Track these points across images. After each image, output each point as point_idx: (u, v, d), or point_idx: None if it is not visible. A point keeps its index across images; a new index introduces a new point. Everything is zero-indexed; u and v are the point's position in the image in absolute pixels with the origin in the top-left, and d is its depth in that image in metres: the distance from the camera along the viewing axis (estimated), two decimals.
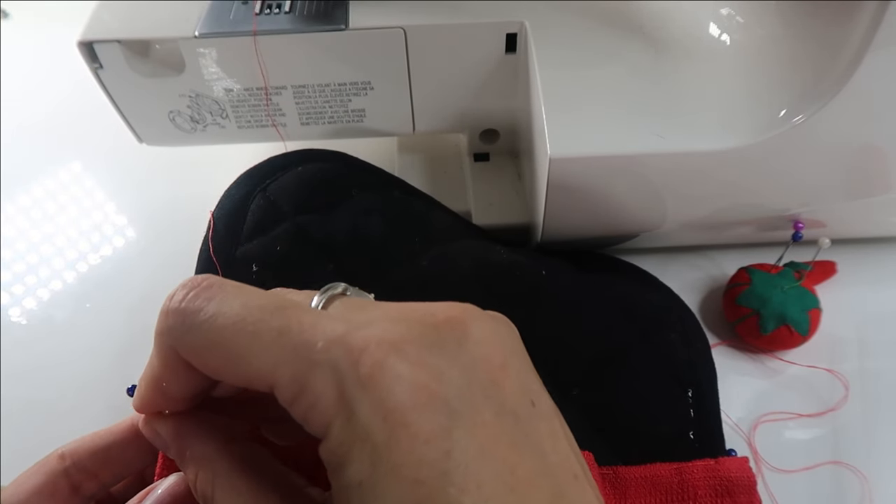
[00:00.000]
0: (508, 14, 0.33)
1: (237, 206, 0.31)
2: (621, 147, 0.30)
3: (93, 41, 0.32)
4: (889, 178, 0.33)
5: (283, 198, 0.31)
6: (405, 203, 0.34)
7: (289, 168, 0.33)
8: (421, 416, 0.15)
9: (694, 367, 0.32)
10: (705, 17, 0.32)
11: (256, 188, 0.32)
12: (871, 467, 0.31)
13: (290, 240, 0.30)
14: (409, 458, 0.15)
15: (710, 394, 0.31)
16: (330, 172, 0.33)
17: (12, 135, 0.49)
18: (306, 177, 0.32)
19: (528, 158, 0.36)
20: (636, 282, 0.36)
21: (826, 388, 0.33)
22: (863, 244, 0.39)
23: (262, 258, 0.29)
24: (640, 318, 0.33)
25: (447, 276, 0.31)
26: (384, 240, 0.31)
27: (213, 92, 0.35)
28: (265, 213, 0.30)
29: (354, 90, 0.35)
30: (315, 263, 0.30)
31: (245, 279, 0.27)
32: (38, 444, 0.33)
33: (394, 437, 0.15)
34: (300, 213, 0.31)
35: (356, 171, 0.34)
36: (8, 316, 0.39)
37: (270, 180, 0.32)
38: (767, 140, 0.30)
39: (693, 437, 0.29)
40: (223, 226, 0.30)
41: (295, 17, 0.33)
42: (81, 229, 0.43)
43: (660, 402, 0.30)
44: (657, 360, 0.31)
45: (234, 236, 0.30)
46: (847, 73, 0.28)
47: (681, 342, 0.32)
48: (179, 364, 0.19)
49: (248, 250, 0.29)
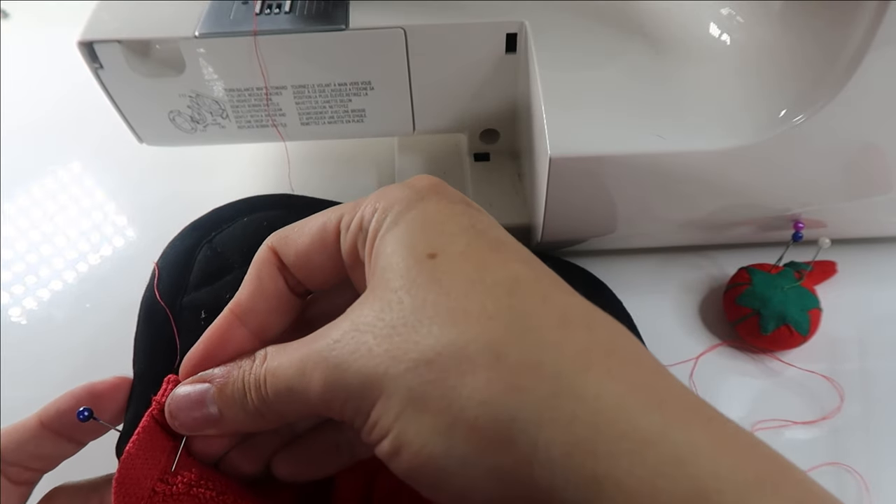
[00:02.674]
0: (508, 14, 0.33)
1: (183, 257, 0.31)
2: (621, 147, 0.30)
3: (93, 41, 0.32)
4: (889, 178, 0.33)
5: (229, 249, 0.31)
6: None
7: (235, 219, 0.33)
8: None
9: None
10: (705, 17, 0.32)
11: (202, 240, 0.32)
12: (871, 469, 0.31)
13: (236, 289, 0.30)
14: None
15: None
16: (275, 220, 0.33)
17: (12, 135, 0.49)
18: (252, 227, 0.32)
19: (528, 158, 0.36)
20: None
21: (826, 389, 0.33)
22: (863, 244, 0.39)
23: (210, 305, 0.29)
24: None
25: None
26: None
27: (213, 92, 0.35)
28: (211, 263, 0.30)
29: (354, 90, 0.35)
30: None
31: (194, 325, 0.28)
32: None
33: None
34: (248, 263, 0.31)
35: (301, 215, 0.34)
36: (8, 316, 0.39)
37: (216, 232, 0.32)
38: (767, 140, 0.30)
39: None
40: (168, 275, 0.30)
41: (295, 17, 0.33)
42: (81, 229, 0.43)
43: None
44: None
45: (180, 286, 0.30)
46: (847, 73, 0.28)
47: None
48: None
49: (195, 298, 0.29)
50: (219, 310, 0.27)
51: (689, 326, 0.36)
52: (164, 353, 0.28)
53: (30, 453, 0.24)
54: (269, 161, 0.46)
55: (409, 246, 0.19)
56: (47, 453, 0.24)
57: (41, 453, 0.24)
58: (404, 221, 0.19)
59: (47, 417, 0.24)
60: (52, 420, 0.24)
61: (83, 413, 0.23)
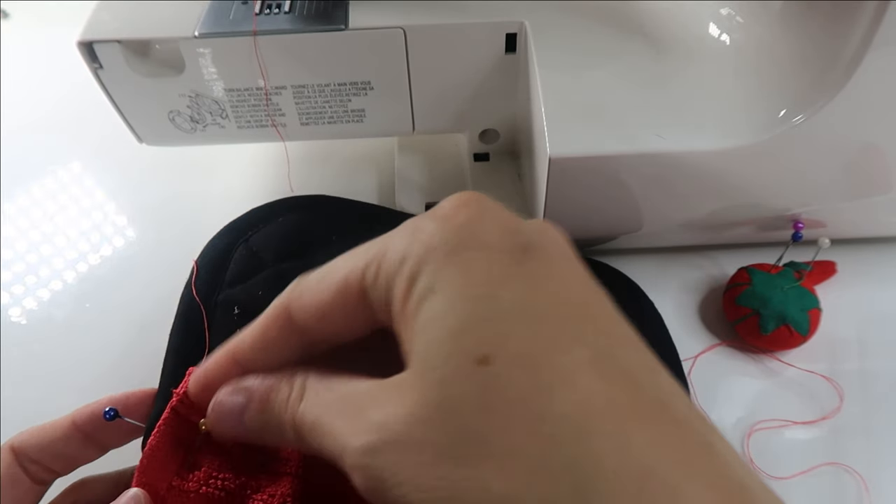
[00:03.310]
0: (508, 14, 0.33)
1: (220, 255, 0.32)
2: (621, 147, 0.30)
3: (93, 41, 0.32)
4: (889, 178, 0.33)
5: (264, 248, 0.32)
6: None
7: (270, 219, 0.34)
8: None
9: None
10: (705, 17, 0.32)
11: (239, 239, 0.33)
12: (871, 469, 0.31)
13: (272, 285, 0.30)
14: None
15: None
16: (310, 222, 0.34)
17: (12, 135, 0.49)
18: (287, 227, 0.33)
19: (528, 158, 0.36)
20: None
21: (826, 389, 0.33)
22: (863, 244, 0.39)
23: (244, 302, 0.30)
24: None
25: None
26: None
27: (212, 92, 0.35)
28: (247, 262, 0.31)
29: (354, 90, 0.35)
30: None
31: (227, 320, 0.29)
32: None
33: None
34: (281, 262, 0.32)
35: (336, 217, 0.35)
36: (8, 316, 0.39)
37: (252, 232, 0.33)
38: (767, 140, 0.30)
39: None
40: (206, 272, 0.31)
41: (295, 17, 0.33)
42: (81, 229, 0.43)
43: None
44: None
45: (216, 283, 0.30)
46: (847, 73, 0.28)
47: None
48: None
49: (229, 295, 0.30)
50: (251, 306, 0.29)
51: (689, 326, 0.36)
52: (194, 348, 0.28)
53: (56, 453, 0.24)
54: (269, 161, 0.46)
55: (452, 336, 0.15)
56: (72, 454, 0.24)
57: (66, 454, 0.24)
58: (443, 289, 0.16)
59: (81, 419, 0.24)
60: (86, 422, 0.24)
61: (109, 413, 0.24)
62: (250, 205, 0.43)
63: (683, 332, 0.36)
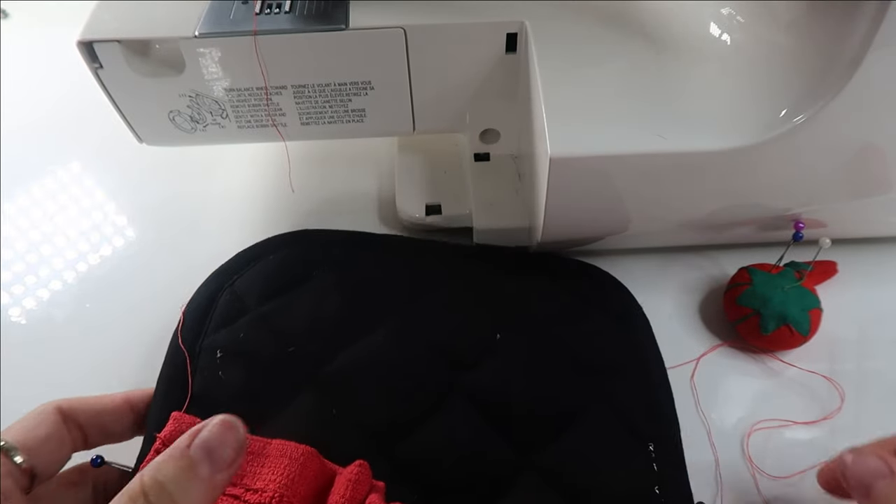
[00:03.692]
0: (508, 14, 0.33)
1: (205, 302, 0.33)
2: (621, 147, 0.30)
3: (92, 41, 0.32)
4: (889, 178, 0.33)
5: (248, 292, 0.34)
6: (364, 275, 0.35)
7: (256, 260, 0.35)
8: None
9: (654, 418, 0.31)
10: (706, 17, 0.32)
11: (224, 285, 0.34)
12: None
13: (253, 328, 0.32)
14: None
15: (673, 444, 0.30)
16: (292, 260, 0.35)
17: (12, 135, 0.49)
18: (269, 268, 0.35)
19: (528, 158, 0.36)
20: (602, 313, 0.35)
21: (826, 389, 0.33)
22: (863, 244, 0.39)
23: (226, 345, 0.31)
24: (592, 372, 0.32)
25: (400, 350, 0.32)
26: (339, 320, 0.33)
27: (213, 92, 0.35)
28: (231, 307, 0.33)
29: (354, 90, 0.35)
30: (276, 347, 0.32)
31: (211, 364, 0.30)
32: None
33: None
34: (263, 304, 0.33)
35: (318, 252, 0.36)
36: (8, 316, 0.39)
37: (238, 276, 0.34)
38: (767, 140, 0.30)
39: (658, 491, 0.29)
40: (191, 320, 0.32)
41: (295, 17, 0.33)
42: (81, 229, 0.43)
43: (618, 460, 0.30)
44: (611, 417, 0.31)
45: (201, 329, 0.32)
46: (847, 73, 0.28)
47: (636, 392, 0.32)
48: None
49: (213, 340, 0.32)
50: (233, 349, 0.31)
51: (690, 326, 0.36)
52: (179, 394, 0.29)
53: (102, 424, 0.26)
54: (269, 161, 0.46)
55: None
56: (115, 431, 0.26)
57: (111, 429, 0.26)
58: None
59: (135, 399, 0.27)
60: (139, 403, 0.27)
61: (96, 460, 0.26)
62: (250, 205, 0.43)
63: (684, 332, 0.36)
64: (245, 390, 0.30)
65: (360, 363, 0.31)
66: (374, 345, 0.32)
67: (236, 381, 0.30)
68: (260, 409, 0.30)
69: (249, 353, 0.31)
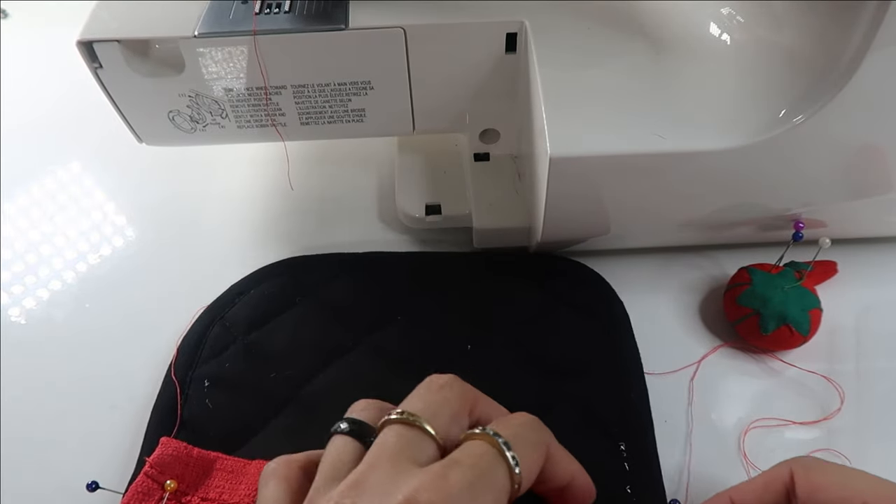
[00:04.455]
0: (508, 14, 0.33)
1: (197, 336, 0.35)
2: (621, 147, 0.30)
3: (92, 41, 0.32)
4: (889, 178, 0.33)
5: (236, 324, 0.36)
6: (342, 299, 0.37)
7: (245, 292, 0.37)
8: None
9: (626, 418, 0.31)
10: (705, 16, 0.32)
11: (216, 318, 0.36)
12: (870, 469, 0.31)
13: (239, 357, 0.34)
14: None
15: (646, 443, 0.31)
16: (279, 289, 0.37)
17: (12, 134, 0.49)
18: (257, 299, 0.37)
19: (528, 158, 0.36)
20: (575, 319, 0.35)
21: (826, 389, 0.33)
22: (863, 244, 0.39)
23: (213, 375, 0.34)
24: (563, 373, 0.33)
25: (373, 369, 0.34)
26: (318, 344, 0.35)
27: (212, 92, 0.35)
28: (220, 338, 0.35)
29: (354, 90, 0.35)
30: (259, 374, 0.34)
31: (199, 394, 0.33)
32: (37, 443, 0.34)
33: None
34: (249, 334, 0.35)
35: (302, 279, 0.38)
36: (8, 316, 0.39)
37: (228, 308, 0.36)
38: (767, 140, 0.30)
39: (630, 490, 0.29)
40: (184, 354, 0.35)
41: (295, 17, 0.33)
42: (81, 229, 0.43)
43: (589, 460, 0.29)
44: (582, 417, 0.31)
45: (192, 361, 0.34)
46: (847, 73, 0.28)
47: (608, 392, 0.32)
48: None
49: (203, 371, 0.34)
50: (220, 379, 0.34)
51: (690, 326, 0.36)
52: (169, 422, 0.32)
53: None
54: (269, 161, 0.46)
55: None
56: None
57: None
58: None
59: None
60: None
61: (91, 485, 0.28)
62: (250, 205, 0.43)
63: (684, 332, 0.36)
64: (229, 415, 0.32)
65: (335, 384, 0.33)
66: (349, 365, 0.34)
67: (222, 407, 0.32)
68: (243, 431, 0.32)
69: (234, 380, 0.33)
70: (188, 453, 0.29)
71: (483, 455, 0.20)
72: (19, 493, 0.32)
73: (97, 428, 0.33)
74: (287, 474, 0.23)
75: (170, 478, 0.28)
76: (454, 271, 0.38)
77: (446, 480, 0.19)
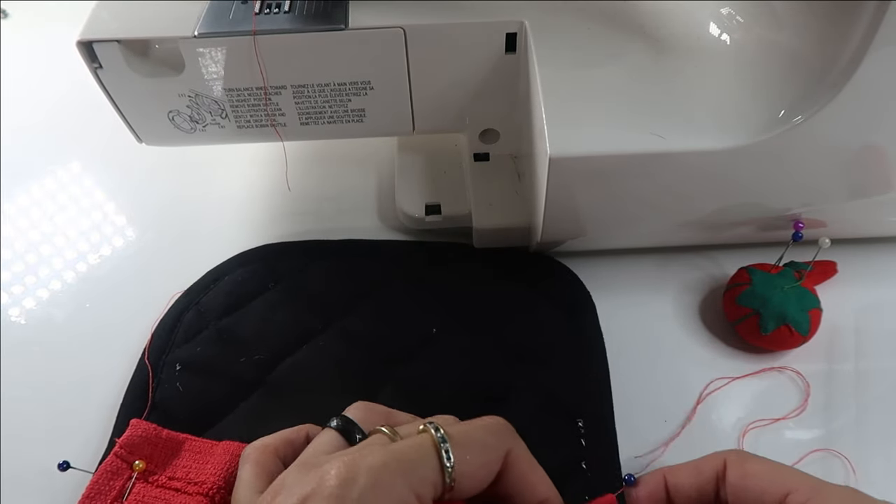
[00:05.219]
0: (508, 14, 0.33)
1: (171, 320, 0.36)
2: (621, 147, 0.30)
3: (92, 41, 0.32)
4: (889, 178, 0.33)
5: (210, 309, 0.36)
6: (312, 285, 0.37)
7: (220, 278, 0.38)
8: None
9: (585, 396, 0.32)
10: (705, 17, 0.32)
11: (191, 304, 0.37)
12: (869, 469, 0.31)
13: (211, 342, 0.35)
14: None
15: (604, 421, 0.31)
16: (252, 274, 0.38)
17: (12, 135, 0.49)
18: (232, 285, 0.37)
19: (528, 158, 0.36)
20: (544, 314, 0.36)
21: (826, 389, 0.33)
22: (863, 244, 0.39)
23: (185, 359, 0.34)
24: (523, 355, 0.34)
25: (338, 352, 0.34)
26: (287, 328, 0.35)
27: (212, 92, 0.35)
28: (193, 323, 0.36)
29: (354, 90, 0.35)
30: (229, 358, 0.34)
31: (170, 376, 0.34)
32: (37, 443, 0.34)
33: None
34: (221, 319, 0.36)
35: (275, 265, 0.38)
36: (8, 316, 0.39)
37: (203, 294, 0.37)
38: (767, 140, 0.30)
39: (585, 466, 0.30)
40: (158, 337, 0.35)
41: (294, 17, 0.33)
42: (81, 229, 0.43)
43: (544, 435, 0.31)
44: (539, 394, 0.32)
45: (166, 345, 0.35)
46: (847, 73, 0.28)
47: (571, 378, 0.33)
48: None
49: (175, 355, 0.35)
50: (191, 363, 0.34)
51: (690, 326, 0.36)
52: (140, 405, 0.33)
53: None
54: (269, 161, 0.46)
55: None
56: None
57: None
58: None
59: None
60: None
61: (62, 465, 0.29)
62: (250, 205, 0.43)
63: (683, 332, 0.36)
64: (199, 398, 0.33)
65: (301, 366, 0.34)
66: (318, 349, 0.35)
67: (192, 390, 0.33)
68: (212, 414, 0.32)
69: (205, 364, 0.34)
70: (157, 434, 0.29)
71: (414, 445, 0.21)
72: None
73: (95, 428, 0.33)
74: (259, 458, 0.24)
75: (139, 458, 0.28)
76: (426, 259, 0.39)
77: (360, 460, 0.20)
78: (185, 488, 0.28)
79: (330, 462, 0.20)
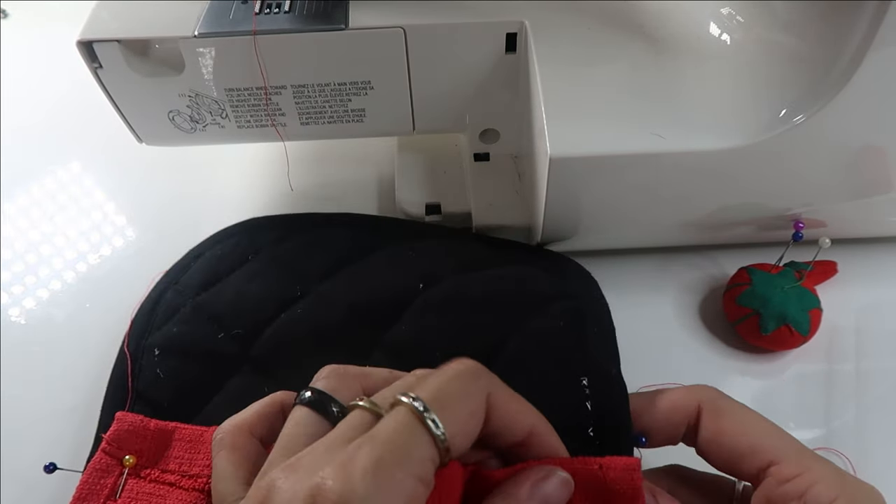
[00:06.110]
0: (508, 14, 0.33)
1: (151, 304, 0.34)
2: (621, 147, 0.30)
3: (92, 41, 0.32)
4: (889, 178, 0.33)
5: (188, 286, 0.35)
6: (291, 253, 0.36)
7: (201, 255, 0.36)
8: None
9: (589, 351, 0.29)
10: (705, 16, 0.32)
11: (171, 284, 0.35)
12: (868, 469, 0.31)
13: (187, 320, 0.33)
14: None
15: (611, 379, 0.28)
16: (231, 249, 0.36)
17: (12, 135, 0.49)
18: (211, 261, 0.36)
19: (528, 158, 0.36)
20: (537, 272, 0.34)
21: (826, 389, 0.33)
22: (863, 244, 0.39)
23: (163, 342, 0.32)
24: (517, 306, 0.32)
25: (319, 318, 0.33)
26: (261, 298, 0.34)
27: (212, 92, 0.35)
28: (172, 303, 0.34)
29: (354, 90, 0.35)
30: (208, 335, 0.33)
31: (150, 362, 0.32)
32: (37, 443, 0.34)
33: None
34: (199, 294, 0.34)
35: (255, 239, 0.37)
36: (8, 316, 0.39)
37: (183, 274, 0.35)
38: (767, 140, 0.30)
39: (593, 434, 0.27)
40: (137, 322, 0.34)
41: (295, 17, 0.33)
42: (81, 229, 0.43)
43: (544, 395, 0.25)
44: (535, 348, 0.30)
45: (146, 329, 0.33)
46: (847, 73, 0.28)
47: (567, 328, 0.30)
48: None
49: (154, 339, 0.33)
50: (167, 345, 0.32)
51: (690, 326, 0.36)
52: (122, 395, 0.31)
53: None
54: (269, 160, 0.46)
55: None
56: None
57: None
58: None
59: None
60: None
61: (49, 467, 0.28)
62: (250, 204, 0.43)
63: (683, 332, 0.36)
64: (182, 382, 0.31)
65: (283, 337, 0.32)
66: (295, 317, 0.33)
67: (173, 374, 0.31)
68: (196, 398, 0.31)
69: (183, 345, 0.32)
70: (145, 426, 0.28)
71: (397, 427, 0.19)
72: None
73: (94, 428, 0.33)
74: (234, 442, 0.22)
75: (128, 453, 0.27)
76: (416, 232, 0.37)
77: (353, 463, 0.18)
78: (179, 482, 0.27)
79: (324, 469, 0.18)
